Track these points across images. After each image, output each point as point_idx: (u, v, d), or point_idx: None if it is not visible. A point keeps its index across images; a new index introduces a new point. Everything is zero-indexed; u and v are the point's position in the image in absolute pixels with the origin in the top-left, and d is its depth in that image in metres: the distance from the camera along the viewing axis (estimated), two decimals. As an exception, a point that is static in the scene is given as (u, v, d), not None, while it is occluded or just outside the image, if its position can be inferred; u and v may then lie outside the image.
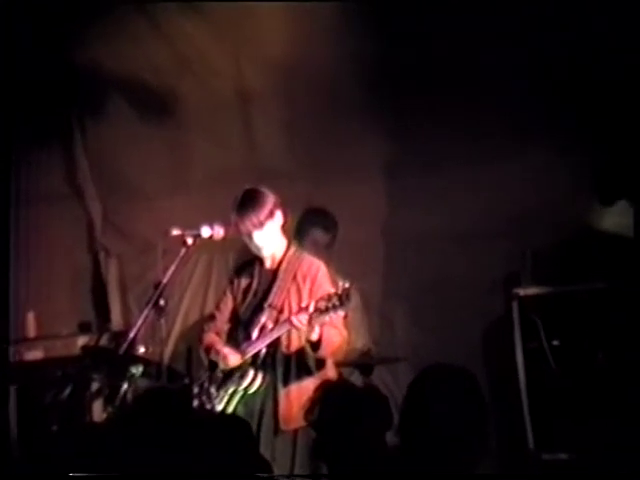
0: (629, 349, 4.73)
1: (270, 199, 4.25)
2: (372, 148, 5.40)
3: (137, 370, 4.37)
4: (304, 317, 4.03)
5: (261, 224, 4.23)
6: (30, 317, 5.62)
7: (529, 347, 4.96)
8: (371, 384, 4.69)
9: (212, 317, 4.51)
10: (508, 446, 4.94)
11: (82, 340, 5.40)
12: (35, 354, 5.39)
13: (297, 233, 5.14)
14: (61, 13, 5.48)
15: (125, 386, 4.41)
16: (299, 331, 4.12)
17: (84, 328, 5.67)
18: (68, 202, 6.01)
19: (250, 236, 4.27)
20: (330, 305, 3.96)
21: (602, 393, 4.70)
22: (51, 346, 5.40)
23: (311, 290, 4.25)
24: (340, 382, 4.03)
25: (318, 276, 4.28)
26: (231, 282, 4.47)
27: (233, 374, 4.26)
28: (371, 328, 5.38)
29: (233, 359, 4.26)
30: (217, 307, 4.51)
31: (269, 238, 4.28)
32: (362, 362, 4.89)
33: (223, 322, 4.42)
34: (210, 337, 4.43)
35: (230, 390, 4.25)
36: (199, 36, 5.53)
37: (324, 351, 4.18)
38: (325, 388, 3.32)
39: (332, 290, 4.05)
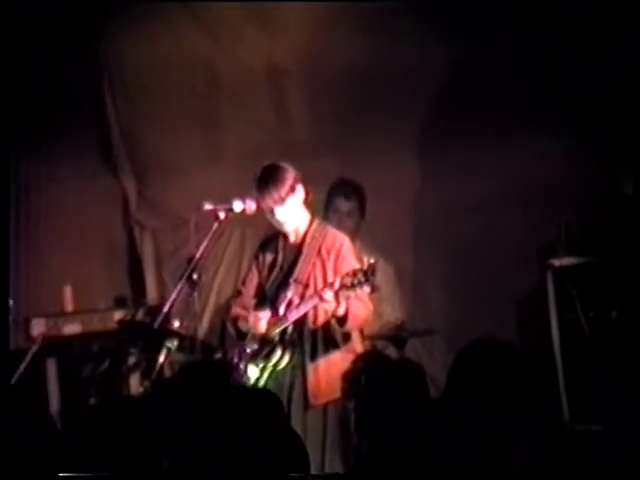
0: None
1: (290, 174, 4.23)
2: (402, 123, 5.38)
3: (172, 344, 4.42)
4: (330, 293, 4.03)
5: (282, 200, 4.21)
6: (67, 291, 5.69)
7: (564, 318, 4.94)
8: (404, 356, 4.69)
9: (239, 293, 4.51)
10: (543, 418, 4.92)
11: (118, 314, 5.46)
12: (73, 328, 5.46)
13: (325, 205, 5.15)
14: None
15: (161, 360, 4.46)
16: (327, 306, 4.12)
17: (120, 302, 5.73)
18: (103, 178, 6.05)
19: (272, 212, 4.25)
20: (356, 281, 3.95)
21: (638, 365, 4.66)
22: (88, 320, 5.47)
23: (335, 264, 4.23)
24: (371, 354, 4.03)
25: (342, 250, 4.26)
26: (256, 257, 4.46)
27: (262, 350, 4.27)
28: (404, 301, 5.37)
29: (263, 324, 4.25)
30: (243, 283, 4.50)
31: (291, 213, 4.26)
32: (395, 335, 4.90)
33: (250, 297, 4.42)
34: (237, 311, 4.44)
35: (260, 366, 4.27)
36: (231, 14, 5.52)
37: (350, 325, 4.18)
38: (355, 361, 3.32)
39: (357, 265, 4.04)
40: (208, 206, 4.33)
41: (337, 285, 4.02)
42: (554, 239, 5.11)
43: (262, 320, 4.28)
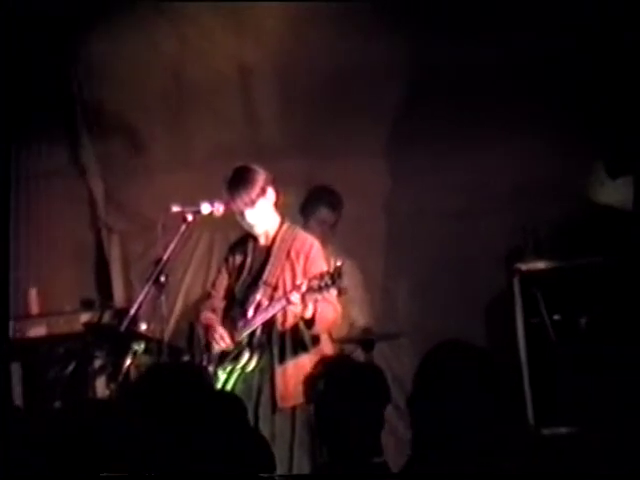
0: (630, 323, 4.73)
1: (261, 176, 4.23)
2: (373, 125, 5.39)
3: (139, 347, 4.39)
4: (297, 295, 4.03)
5: (252, 202, 4.21)
6: (33, 294, 5.64)
7: (530, 322, 4.97)
8: (369, 360, 4.70)
9: (208, 295, 4.50)
10: (507, 421, 4.95)
11: (85, 317, 5.41)
12: (38, 331, 5.41)
13: (302, 211, 5.14)
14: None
15: (127, 362, 4.43)
16: (294, 308, 4.12)
17: (86, 305, 5.68)
18: (70, 180, 6.01)
19: (242, 214, 4.25)
20: (323, 284, 3.96)
21: (603, 368, 4.71)
22: (54, 323, 5.42)
23: (305, 267, 4.24)
24: (336, 357, 4.04)
25: (312, 253, 4.27)
26: (226, 260, 4.45)
27: (230, 353, 4.26)
28: (373, 304, 5.39)
29: (228, 341, 4.26)
30: (213, 285, 4.50)
31: (261, 216, 4.27)
32: (364, 338, 4.91)
33: (219, 300, 4.41)
34: (207, 315, 4.41)
35: (227, 369, 4.26)
36: (199, 13, 5.51)
37: (318, 327, 4.19)
38: (321, 364, 3.32)
39: (325, 268, 4.04)
40: (176, 208, 4.32)
41: (304, 288, 4.03)
42: (521, 244, 5.15)
43: (226, 338, 4.27)
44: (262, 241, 4.35)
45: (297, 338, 4.25)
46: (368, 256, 5.34)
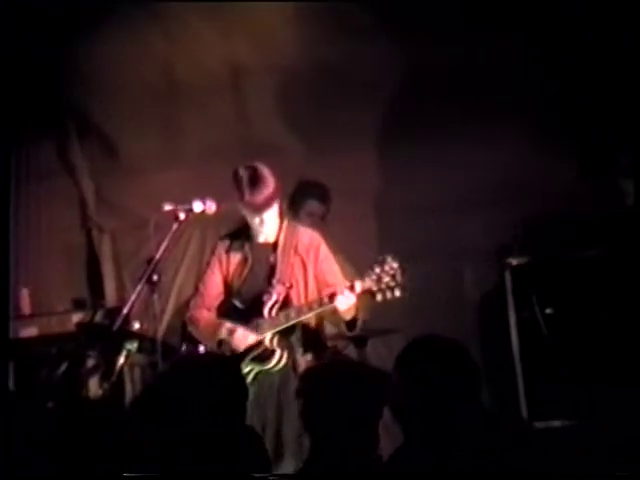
0: (621, 316, 4.76)
1: (274, 177, 4.21)
2: (364, 122, 5.40)
3: (132, 346, 4.39)
4: (352, 296, 3.99)
5: (271, 201, 4.19)
6: (24, 294, 5.63)
7: (522, 316, 4.99)
8: (362, 356, 4.70)
9: (199, 293, 4.42)
10: (501, 415, 4.98)
11: (77, 317, 5.40)
12: (30, 331, 5.40)
13: (291, 205, 5.14)
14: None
15: (121, 362, 4.43)
16: (344, 308, 4.06)
17: (79, 305, 5.68)
18: (61, 179, 6.00)
19: (260, 213, 4.23)
20: (383, 285, 3.95)
21: (595, 361, 4.73)
22: (46, 323, 5.41)
23: (316, 263, 4.22)
24: (342, 359, 4.02)
25: (321, 249, 4.26)
26: (218, 258, 4.38)
27: (250, 352, 4.18)
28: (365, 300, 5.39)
29: (251, 338, 4.19)
30: (203, 282, 4.42)
31: (275, 215, 4.26)
32: (356, 334, 4.91)
33: (212, 298, 4.36)
34: (204, 313, 4.36)
35: (249, 368, 4.18)
36: (191, 14, 5.50)
37: (357, 330, 4.18)
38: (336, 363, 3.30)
39: (335, 265, 4.00)
40: (168, 207, 4.31)
41: (359, 288, 4.00)
42: (511, 238, 5.16)
43: (238, 331, 4.20)
44: (261, 239, 4.31)
45: (319, 337, 4.23)
46: (360, 252, 5.34)
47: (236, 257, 4.34)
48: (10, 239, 5.28)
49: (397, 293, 3.99)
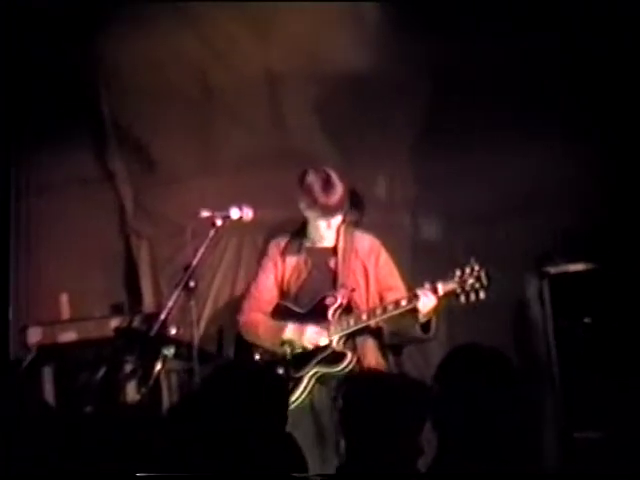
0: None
1: (342, 182, 4.26)
2: (399, 132, 5.38)
3: (169, 351, 4.41)
4: (433, 298, 4.00)
5: (344, 204, 4.25)
6: (64, 299, 5.68)
7: (561, 325, 4.94)
8: (397, 363, 4.67)
9: (252, 297, 4.41)
10: (540, 425, 4.93)
11: (115, 322, 5.44)
12: (69, 336, 5.45)
13: None
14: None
15: (158, 367, 4.45)
16: (425, 309, 4.06)
17: (116, 310, 5.72)
18: (100, 186, 6.05)
19: (333, 215, 4.24)
20: (468, 287, 3.97)
21: (634, 371, 4.67)
22: (84, 328, 5.46)
23: (376, 268, 4.25)
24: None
25: (381, 253, 4.30)
26: (274, 261, 4.37)
27: (316, 355, 4.19)
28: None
29: (322, 339, 4.19)
30: (256, 286, 4.41)
31: (340, 220, 4.29)
32: (392, 342, 4.89)
33: (266, 302, 4.36)
34: (260, 317, 4.34)
35: (314, 371, 4.18)
36: (226, 20, 5.53)
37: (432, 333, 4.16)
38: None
39: (396, 270, 3.99)
40: (205, 213, 4.33)
41: (441, 290, 3.98)
42: (551, 247, 5.12)
43: (308, 330, 4.20)
44: (318, 243, 4.32)
45: (383, 340, 4.25)
46: (396, 263, 5.33)
47: (292, 261, 4.35)
48: (10, 256, 5.30)
49: (482, 295, 3.98)
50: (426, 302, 4.04)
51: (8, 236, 5.23)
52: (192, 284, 4.23)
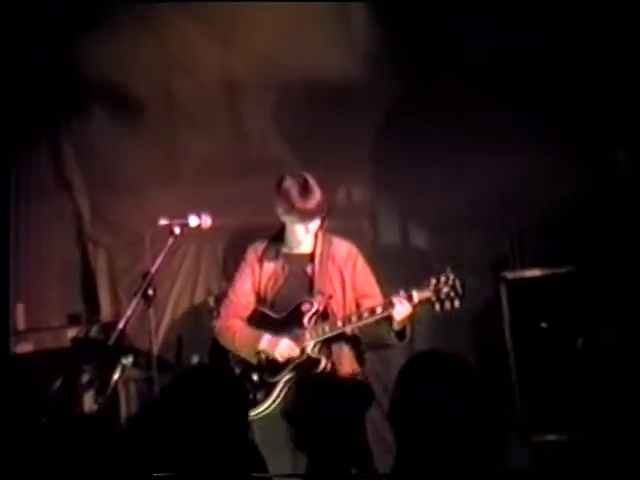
0: (618, 330, 4.76)
1: (320, 188, 4.25)
2: (360, 138, 5.40)
3: (127, 360, 4.38)
4: (408, 305, 4.01)
5: (322, 209, 4.23)
6: (20, 309, 5.62)
7: (518, 330, 4.99)
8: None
9: (230, 302, 4.37)
10: (497, 429, 4.96)
11: (72, 332, 5.40)
12: (25, 346, 5.39)
13: None
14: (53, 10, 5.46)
15: (116, 377, 4.41)
16: (399, 317, 4.06)
17: (74, 320, 5.67)
18: (56, 195, 6.00)
19: (311, 220, 4.22)
20: (443, 295, 3.96)
21: (591, 374, 4.73)
22: (41, 338, 5.41)
23: (354, 274, 4.25)
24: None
25: (358, 260, 4.29)
26: (251, 266, 4.35)
27: (291, 361, 4.18)
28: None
29: (295, 350, 4.18)
30: (234, 291, 4.38)
31: (317, 225, 4.28)
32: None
33: (243, 307, 4.33)
34: (237, 323, 4.31)
35: (286, 377, 4.18)
36: (186, 29, 5.51)
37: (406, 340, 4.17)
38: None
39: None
40: (163, 221, 4.31)
41: (416, 298, 4.01)
42: (507, 252, 5.17)
43: (282, 342, 4.19)
44: (298, 250, 4.31)
45: (358, 347, 4.26)
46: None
47: (269, 267, 4.33)
48: (10, 255, 5.27)
49: (457, 304, 3.99)
50: (401, 310, 4.05)
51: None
52: (150, 292, 4.20)
